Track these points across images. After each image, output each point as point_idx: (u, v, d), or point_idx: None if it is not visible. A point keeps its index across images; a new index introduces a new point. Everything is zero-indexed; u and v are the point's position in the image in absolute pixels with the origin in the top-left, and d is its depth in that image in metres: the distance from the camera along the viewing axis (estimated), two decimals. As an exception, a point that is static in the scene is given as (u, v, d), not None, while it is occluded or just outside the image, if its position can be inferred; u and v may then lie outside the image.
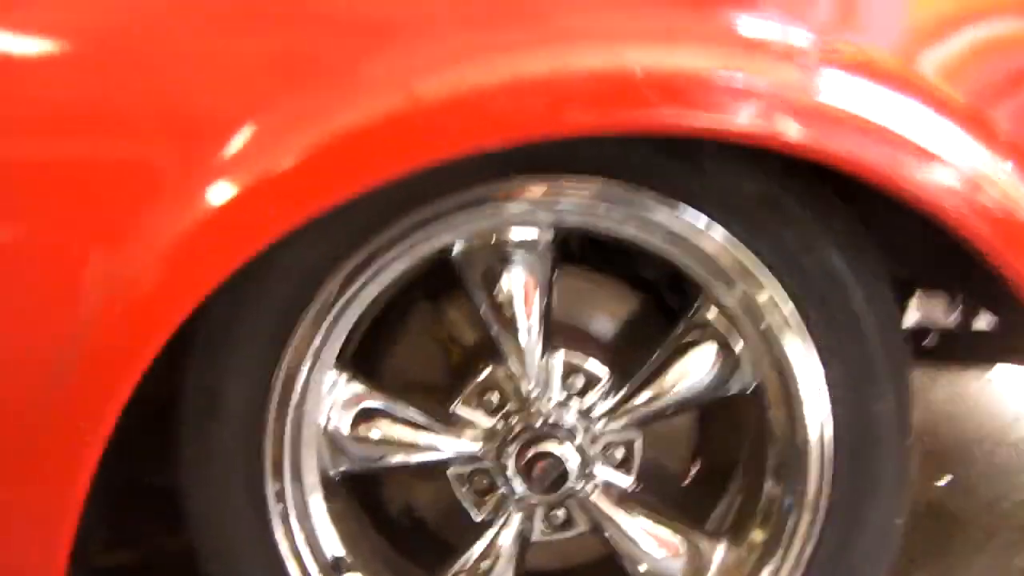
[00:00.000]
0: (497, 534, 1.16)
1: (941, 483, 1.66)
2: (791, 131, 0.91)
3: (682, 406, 1.18)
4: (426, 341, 1.22)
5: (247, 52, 0.92)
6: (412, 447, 1.15)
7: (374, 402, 1.14)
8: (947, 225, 0.94)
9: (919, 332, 1.22)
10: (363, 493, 1.24)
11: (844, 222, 1.04)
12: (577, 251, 1.22)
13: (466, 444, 1.14)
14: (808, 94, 0.92)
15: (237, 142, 0.92)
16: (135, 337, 0.95)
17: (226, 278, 0.94)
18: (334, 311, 1.06)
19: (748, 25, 0.94)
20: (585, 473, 1.13)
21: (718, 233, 1.04)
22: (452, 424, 1.14)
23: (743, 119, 0.91)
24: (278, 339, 1.05)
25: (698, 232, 1.04)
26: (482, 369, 1.14)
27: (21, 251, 0.95)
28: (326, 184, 0.92)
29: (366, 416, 1.13)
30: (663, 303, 1.24)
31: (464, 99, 0.90)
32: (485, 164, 0.95)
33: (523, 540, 1.16)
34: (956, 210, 0.94)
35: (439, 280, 1.17)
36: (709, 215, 1.03)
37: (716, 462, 1.31)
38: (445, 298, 1.21)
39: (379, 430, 1.14)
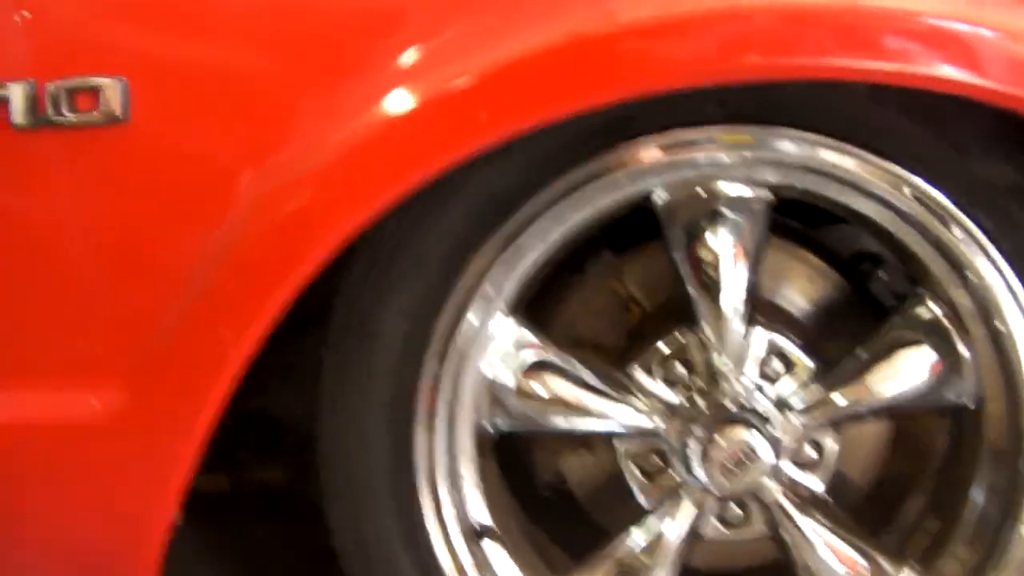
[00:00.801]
0: (666, 522, 1.04)
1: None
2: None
3: (888, 411, 1.05)
4: (608, 297, 1.11)
5: None
6: (582, 411, 1.03)
7: (545, 356, 1.03)
8: None
9: None
10: (511, 456, 1.12)
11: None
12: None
13: (644, 418, 1.02)
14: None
15: (423, 51, 0.86)
16: (290, 252, 0.89)
17: (397, 199, 0.87)
18: (512, 249, 0.96)
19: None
20: (775, 469, 1.00)
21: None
22: (630, 392, 1.02)
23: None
24: (448, 273, 0.96)
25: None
26: (670, 332, 1.03)
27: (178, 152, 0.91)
28: (514, 106, 0.86)
29: (535, 370, 1.02)
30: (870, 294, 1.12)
31: (671, 26, 0.85)
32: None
33: (693, 535, 1.04)
34: None
35: (629, 233, 1.06)
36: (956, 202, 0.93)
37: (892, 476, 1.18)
38: (634, 252, 1.10)
39: (548, 388, 1.02)
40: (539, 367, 1.02)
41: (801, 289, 1.12)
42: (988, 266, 0.96)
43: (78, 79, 0.86)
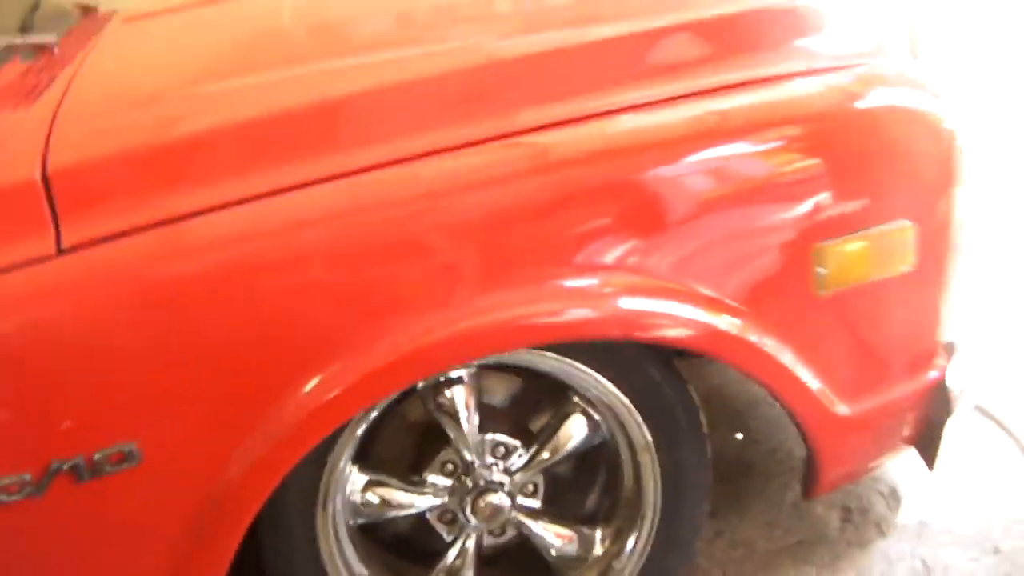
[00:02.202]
0: (463, 545, 1.81)
1: (738, 437, 2.40)
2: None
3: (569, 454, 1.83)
4: (404, 434, 1.82)
5: None
6: (400, 505, 1.77)
7: (375, 477, 1.74)
8: None
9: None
10: (374, 529, 1.86)
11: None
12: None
13: (434, 499, 1.78)
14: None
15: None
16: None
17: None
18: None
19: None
20: (512, 506, 1.80)
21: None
22: (425, 486, 1.78)
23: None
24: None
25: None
26: (441, 449, 1.77)
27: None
28: None
29: (369, 486, 1.73)
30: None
31: None
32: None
33: (478, 545, 1.83)
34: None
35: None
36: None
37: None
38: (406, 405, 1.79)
39: (378, 495, 1.75)
40: (371, 485, 1.74)
41: (499, 392, 1.83)
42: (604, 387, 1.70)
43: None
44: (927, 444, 1.85)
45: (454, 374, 1.68)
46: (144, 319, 1.40)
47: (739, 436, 2.37)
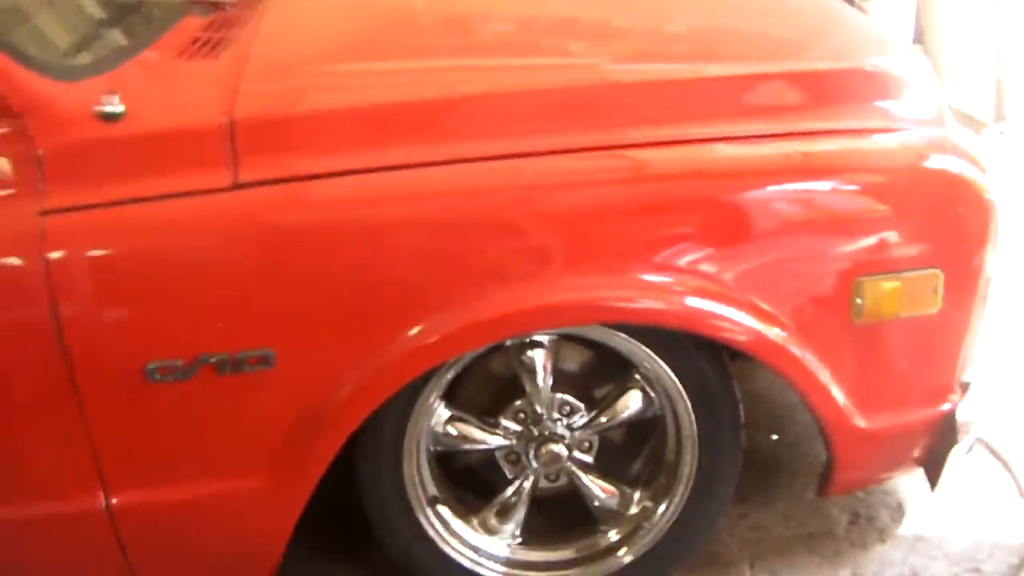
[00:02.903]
0: (521, 484, 2.13)
1: (773, 439, 2.69)
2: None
3: (623, 422, 2.13)
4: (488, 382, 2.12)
5: None
6: (474, 440, 2.08)
7: (455, 412, 2.05)
8: None
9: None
10: (448, 458, 2.17)
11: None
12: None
13: (504, 440, 2.09)
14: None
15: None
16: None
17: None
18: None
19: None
20: (569, 457, 2.11)
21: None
22: (498, 428, 2.09)
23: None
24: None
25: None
26: (516, 398, 2.08)
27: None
28: None
29: (450, 421, 2.05)
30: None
31: None
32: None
33: (535, 488, 2.14)
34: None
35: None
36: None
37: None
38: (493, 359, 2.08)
39: (457, 429, 2.07)
40: (452, 419, 2.06)
41: (573, 360, 2.13)
42: (663, 369, 2.00)
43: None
44: (933, 467, 2.11)
45: (538, 338, 1.99)
46: (294, 253, 1.70)
47: (775, 437, 2.65)
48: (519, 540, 2.17)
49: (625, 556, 2.16)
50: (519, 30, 2.29)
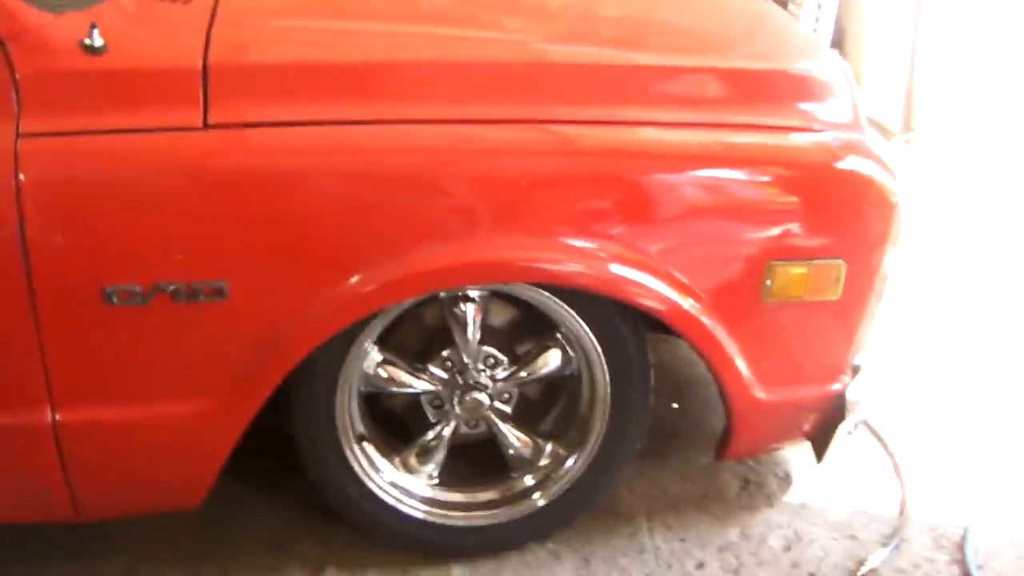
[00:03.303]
0: (442, 428, 2.28)
1: (674, 406, 2.88)
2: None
3: (542, 377, 2.29)
4: (420, 330, 2.26)
5: None
6: (402, 383, 2.22)
7: (387, 357, 2.18)
8: None
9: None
10: (375, 399, 2.31)
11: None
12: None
13: (430, 385, 2.22)
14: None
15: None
16: None
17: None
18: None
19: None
20: (490, 406, 2.26)
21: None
22: (426, 374, 2.22)
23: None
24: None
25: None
26: (446, 347, 2.21)
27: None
28: None
29: (382, 364, 2.17)
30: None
31: None
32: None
33: (454, 433, 2.29)
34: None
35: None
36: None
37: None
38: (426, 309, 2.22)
39: (388, 372, 2.20)
40: (383, 363, 2.19)
41: (501, 317, 2.28)
42: (583, 331, 2.15)
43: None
44: (820, 441, 2.31)
45: (471, 293, 2.13)
46: (251, 193, 1.82)
47: (675, 405, 2.83)
48: (436, 481, 2.31)
49: (539, 500, 2.31)
50: (462, 3, 2.42)
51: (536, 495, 2.31)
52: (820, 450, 2.31)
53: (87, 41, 1.75)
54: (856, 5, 5.13)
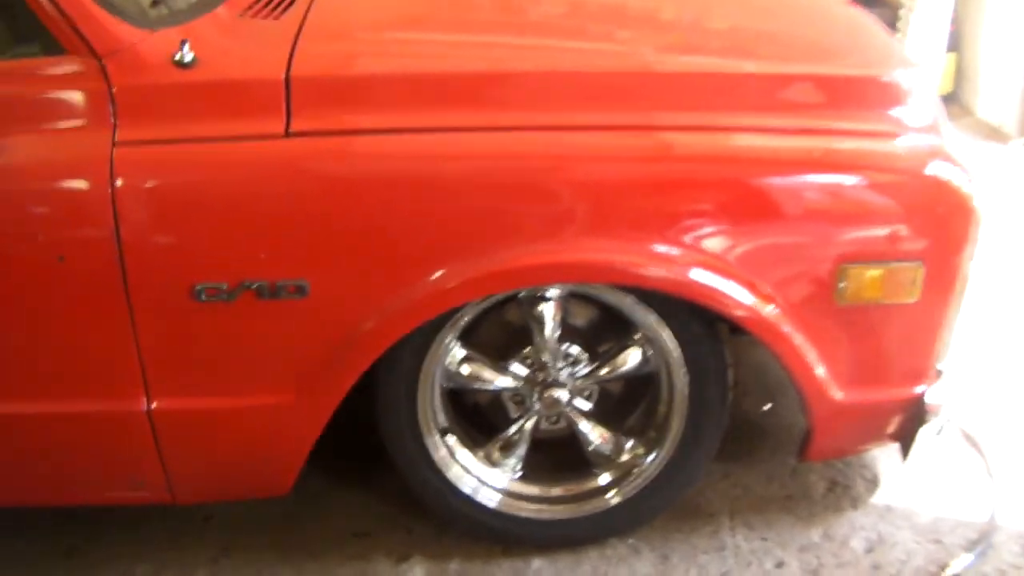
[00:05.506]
0: (523, 424, 2.34)
1: (765, 408, 2.88)
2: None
3: (622, 376, 2.34)
4: (502, 328, 2.31)
5: None
6: (484, 380, 2.28)
7: (468, 353, 2.25)
8: None
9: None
10: (458, 395, 2.38)
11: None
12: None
13: (512, 382, 2.29)
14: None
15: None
16: None
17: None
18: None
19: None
20: (569, 402, 2.31)
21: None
22: (508, 371, 2.28)
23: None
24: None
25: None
26: (526, 345, 2.27)
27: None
28: None
29: (463, 361, 2.24)
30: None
31: None
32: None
33: (536, 428, 2.35)
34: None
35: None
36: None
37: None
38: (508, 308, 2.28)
39: (469, 368, 2.27)
40: (465, 359, 2.27)
41: (583, 317, 2.33)
42: (662, 332, 2.18)
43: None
44: (905, 444, 2.29)
45: (550, 292, 2.18)
46: (334, 198, 1.91)
47: (766, 407, 2.83)
48: (519, 474, 2.37)
49: (613, 498, 2.35)
50: (568, 14, 2.47)
51: (611, 493, 2.36)
52: (905, 452, 2.29)
53: (178, 56, 1.87)
54: (973, 8, 4.99)
